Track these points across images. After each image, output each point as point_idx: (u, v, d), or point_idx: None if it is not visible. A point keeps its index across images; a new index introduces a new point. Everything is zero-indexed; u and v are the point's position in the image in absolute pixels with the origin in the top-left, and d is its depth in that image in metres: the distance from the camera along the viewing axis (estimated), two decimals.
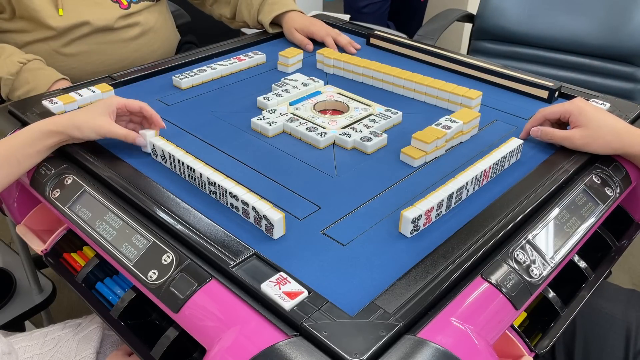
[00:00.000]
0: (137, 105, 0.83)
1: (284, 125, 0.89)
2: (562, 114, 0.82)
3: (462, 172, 0.74)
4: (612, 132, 0.78)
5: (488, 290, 0.59)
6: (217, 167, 0.76)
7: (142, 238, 0.66)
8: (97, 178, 0.76)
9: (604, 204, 0.76)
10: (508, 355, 0.65)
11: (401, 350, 0.51)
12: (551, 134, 0.83)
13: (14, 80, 1.05)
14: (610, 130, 0.79)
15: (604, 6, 1.53)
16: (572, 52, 1.58)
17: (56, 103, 0.92)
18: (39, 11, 1.10)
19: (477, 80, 1.07)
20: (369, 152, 0.84)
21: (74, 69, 1.17)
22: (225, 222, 0.68)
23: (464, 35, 2.57)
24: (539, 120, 0.86)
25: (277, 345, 0.51)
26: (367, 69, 1.05)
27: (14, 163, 0.75)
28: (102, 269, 0.78)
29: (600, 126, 0.79)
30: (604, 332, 0.82)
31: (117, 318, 0.71)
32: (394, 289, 0.57)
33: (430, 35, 1.57)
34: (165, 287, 0.60)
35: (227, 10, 1.32)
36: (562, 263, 0.67)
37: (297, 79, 1.04)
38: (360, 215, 0.71)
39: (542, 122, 0.86)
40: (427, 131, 0.83)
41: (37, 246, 0.85)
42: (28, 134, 0.76)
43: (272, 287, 0.56)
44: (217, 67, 1.08)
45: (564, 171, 0.77)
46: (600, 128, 0.79)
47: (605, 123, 0.79)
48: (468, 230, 0.65)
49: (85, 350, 0.77)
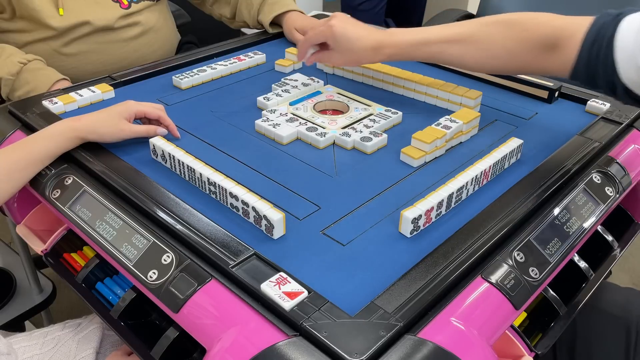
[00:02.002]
0: (155, 114, 0.86)
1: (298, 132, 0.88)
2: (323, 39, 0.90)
3: (462, 172, 0.74)
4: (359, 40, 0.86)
5: (488, 290, 0.59)
6: (217, 167, 0.76)
7: (142, 238, 0.66)
8: (97, 178, 0.76)
9: (604, 204, 0.76)
10: (508, 355, 0.65)
11: (401, 350, 0.51)
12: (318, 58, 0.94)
13: (14, 80, 1.05)
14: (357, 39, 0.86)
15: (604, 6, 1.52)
16: None
17: (56, 103, 0.92)
18: (39, 11, 1.10)
19: (477, 80, 1.07)
20: (369, 152, 0.84)
21: (74, 69, 1.17)
22: (225, 222, 0.68)
23: None
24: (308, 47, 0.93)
25: (277, 345, 0.51)
26: (367, 69, 1.05)
27: (39, 165, 0.77)
28: (102, 269, 0.78)
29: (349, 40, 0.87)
30: (604, 332, 0.82)
31: (117, 318, 0.71)
32: (394, 289, 0.57)
33: None
34: (165, 287, 0.60)
35: (227, 10, 1.32)
36: (562, 263, 0.67)
37: (297, 79, 1.04)
38: (360, 215, 0.71)
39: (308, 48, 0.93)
40: (427, 131, 0.83)
41: (37, 246, 0.85)
42: (49, 138, 0.77)
43: (272, 287, 0.56)
44: (217, 67, 1.08)
45: (564, 171, 0.77)
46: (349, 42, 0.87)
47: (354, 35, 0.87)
48: (468, 230, 0.65)
49: (85, 351, 0.77)
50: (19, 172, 0.75)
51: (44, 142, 0.77)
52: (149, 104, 0.86)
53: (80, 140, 0.79)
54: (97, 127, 0.80)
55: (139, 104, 0.85)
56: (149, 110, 0.85)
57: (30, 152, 0.76)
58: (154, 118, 0.86)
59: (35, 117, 0.87)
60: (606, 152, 0.83)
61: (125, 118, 0.82)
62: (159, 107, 0.87)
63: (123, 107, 0.83)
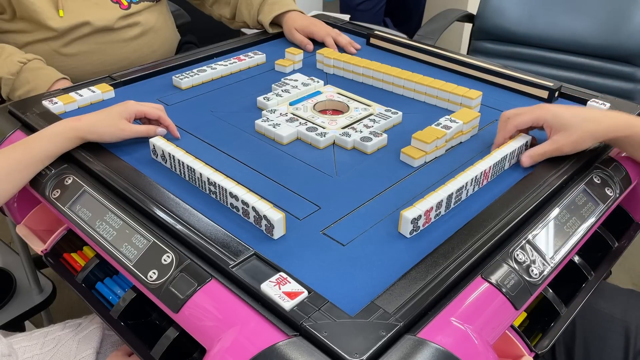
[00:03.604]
0: (155, 114, 0.86)
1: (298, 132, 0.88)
2: (534, 122, 0.79)
3: (462, 172, 0.74)
4: (593, 123, 0.76)
5: (488, 290, 0.59)
6: (217, 167, 0.76)
7: (142, 238, 0.66)
8: (97, 178, 0.76)
9: (604, 204, 0.76)
10: (508, 355, 0.65)
11: (401, 350, 0.51)
12: (542, 153, 0.79)
13: (14, 80, 1.05)
14: (589, 123, 0.76)
15: (604, 6, 1.53)
16: (572, 52, 1.58)
17: (56, 103, 0.92)
18: (39, 12, 1.10)
19: (477, 80, 1.07)
20: (369, 152, 0.84)
21: (74, 69, 1.17)
22: (225, 222, 0.68)
23: (464, 35, 2.57)
24: (510, 132, 0.81)
25: (277, 345, 0.51)
26: (367, 69, 1.05)
27: (39, 165, 0.77)
28: (102, 269, 0.78)
29: (578, 123, 0.76)
30: (603, 332, 0.82)
31: (117, 318, 0.71)
32: (394, 289, 0.57)
33: (430, 35, 1.57)
34: (165, 287, 0.60)
35: (227, 10, 1.32)
36: (562, 263, 0.67)
37: (297, 79, 1.04)
38: (360, 215, 0.71)
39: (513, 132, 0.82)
40: (427, 131, 0.83)
41: (37, 246, 0.85)
42: (49, 138, 0.78)
43: (272, 287, 0.56)
44: (217, 67, 1.08)
45: (564, 171, 0.77)
46: (580, 125, 0.76)
47: (583, 118, 0.76)
48: (468, 230, 0.65)
49: (85, 351, 0.77)
50: (19, 172, 0.76)
51: (44, 142, 0.77)
52: (149, 104, 0.86)
53: (80, 140, 0.80)
54: (97, 127, 0.80)
55: (139, 104, 0.85)
56: (149, 110, 0.85)
57: (30, 153, 0.76)
58: (154, 118, 0.86)
59: (35, 117, 0.87)
60: (606, 152, 0.83)
61: (125, 118, 0.82)
62: (159, 107, 0.87)
63: (123, 107, 0.83)
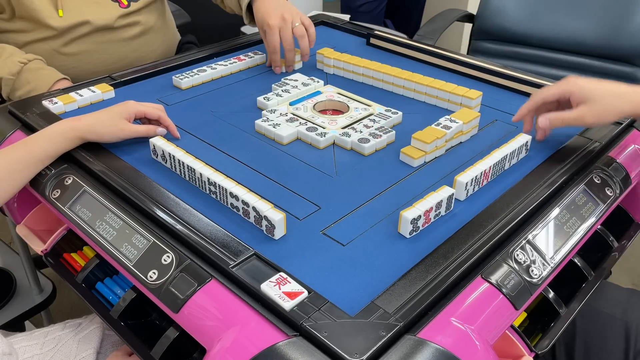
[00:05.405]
0: (155, 114, 0.86)
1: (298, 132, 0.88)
2: (561, 94, 0.80)
3: (462, 172, 0.74)
4: (617, 98, 0.76)
5: (488, 290, 0.59)
6: (217, 167, 0.76)
7: (142, 238, 0.66)
8: (97, 178, 0.76)
9: (604, 204, 0.76)
10: (508, 355, 0.65)
11: (401, 350, 0.51)
12: (561, 119, 0.79)
13: (14, 80, 1.05)
14: (615, 96, 0.76)
15: (604, 6, 1.53)
16: (572, 52, 1.58)
17: (56, 103, 0.92)
18: (39, 11, 1.10)
19: (477, 80, 1.07)
20: (366, 153, 0.84)
21: (74, 69, 1.17)
22: (225, 222, 0.68)
23: (464, 35, 2.57)
24: (537, 104, 0.83)
25: (277, 345, 0.52)
26: (367, 69, 1.05)
27: (39, 165, 0.78)
28: (102, 269, 0.78)
29: (604, 96, 0.76)
30: (604, 332, 0.82)
31: (117, 318, 0.71)
32: (394, 289, 0.57)
33: (430, 35, 1.57)
34: (165, 287, 0.60)
35: None
36: (562, 263, 0.67)
37: (297, 79, 1.04)
38: (360, 216, 0.71)
39: (539, 105, 0.83)
40: (427, 131, 0.83)
41: (37, 246, 0.85)
42: (49, 138, 0.78)
43: (272, 287, 0.56)
44: (217, 67, 1.08)
45: (564, 171, 0.77)
46: (605, 98, 0.76)
47: (608, 92, 0.77)
48: (468, 230, 0.65)
49: (85, 351, 0.77)
50: (19, 172, 0.76)
51: (44, 142, 0.77)
52: (149, 104, 0.86)
53: (80, 140, 0.80)
54: (97, 127, 0.80)
55: (139, 104, 0.85)
56: (149, 110, 0.85)
57: (30, 153, 0.76)
58: (154, 118, 0.86)
59: (35, 117, 0.87)
60: (606, 152, 0.83)
61: (125, 118, 0.82)
62: (159, 107, 0.87)
63: (123, 107, 0.83)
